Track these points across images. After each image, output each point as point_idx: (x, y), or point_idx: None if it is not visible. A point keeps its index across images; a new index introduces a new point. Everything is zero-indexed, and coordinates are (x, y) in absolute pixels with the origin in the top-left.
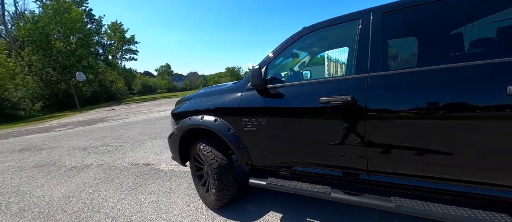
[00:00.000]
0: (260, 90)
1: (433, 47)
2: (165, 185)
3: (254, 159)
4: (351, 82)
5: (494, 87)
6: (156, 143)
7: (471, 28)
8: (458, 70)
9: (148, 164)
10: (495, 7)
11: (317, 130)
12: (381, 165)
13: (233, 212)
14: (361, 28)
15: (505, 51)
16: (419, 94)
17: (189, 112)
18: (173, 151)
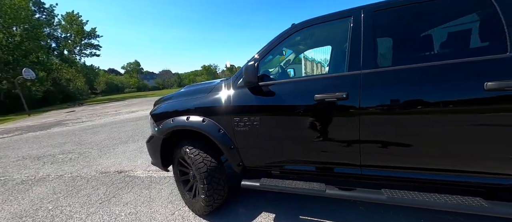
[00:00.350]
0: (252, 88)
1: (420, 46)
2: (144, 194)
3: (246, 159)
4: (345, 79)
5: (472, 84)
6: (129, 147)
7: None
8: (447, 67)
9: (121, 171)
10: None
11: (312, 127)
12: (373, 159)
13: (223, 216)
14: (353, 26)
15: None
16: (408, 91)
17: (172, 112)
18: (153, 155)
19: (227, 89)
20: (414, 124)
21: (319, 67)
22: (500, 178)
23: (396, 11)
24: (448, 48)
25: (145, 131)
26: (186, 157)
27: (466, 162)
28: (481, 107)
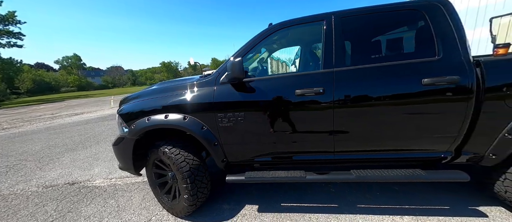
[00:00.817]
0: (236, 84)
1: (373, 49)
2: (109, 204)
3: (230, 155)
4: (321, 76)
5: (414, 80)
6: (79, 155)
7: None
8: (396, 67)
9: (74, 182)
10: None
11: (294, 119)
12: (344, 146)
13: (207, 215)
14: (326, 29)
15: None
16: (368, 86)
17: (148, 110)
18: (122, 159)
19: (209, 86)
20: (374, 113)
21: (284, 66)
22: (431, 152)
23: (358, 19)
24: (395, 51)
25: (98, 135)
26: (165, 157)
27: (410, 142)
28: (420, 99)
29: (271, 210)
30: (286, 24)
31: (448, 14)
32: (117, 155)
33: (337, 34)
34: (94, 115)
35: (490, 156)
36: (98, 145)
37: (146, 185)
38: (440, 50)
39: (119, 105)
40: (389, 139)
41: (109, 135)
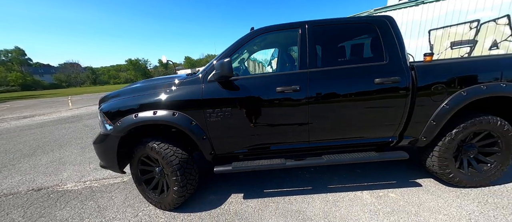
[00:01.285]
0: (223, 82)
1: (339, 53)
2: (88, 205)
3: (217, 148)
4: (298, 75)
5: (368, 80)
6: (40, 160)
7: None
8: (338, 71)
9: (40, 188)
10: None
11: (275, 114)
12: (317, 135)
13: (195, 206)
14: (300, 34)
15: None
16: (333, 85)
17: (133, 108)
18: (105, 157)
19: (197, 83)
20: (340, 107)
21: (260, 66)
22: (382, 137)
23: (326, 29)
24: (355, 56)
25: (59, 138)
26: (154, 153)
27: (366, 130)
28: (373, 96)
29: (255, 196)
30: (267, 29)
31: (392, 28)
32: (100, 153)
33: (310, 40)
34: (49, 117)
35: (422, 138)
36: (62, 148)
37: (126, 185)
38: (387, 56)
39: (99, 104)
40: (351, 128)
41: (73, 137)
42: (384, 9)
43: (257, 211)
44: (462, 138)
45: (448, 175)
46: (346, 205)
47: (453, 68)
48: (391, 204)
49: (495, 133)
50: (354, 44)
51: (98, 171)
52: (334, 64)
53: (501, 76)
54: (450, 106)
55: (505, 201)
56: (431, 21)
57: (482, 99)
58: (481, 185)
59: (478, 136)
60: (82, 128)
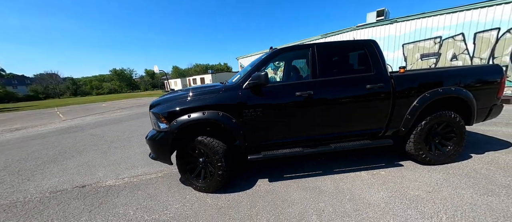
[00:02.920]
0: (254, 88)
1: (329, 67)
2: (138, 194)
3: (250, 140)
4: (310, 83)
5: (362, 86)
6: (68, 164)
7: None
8: (340, 80)
9: (83, 185)
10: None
11: (294, 113)
12: (326, 128)
13: (231, 189)
14: (311, 53)
15: (356, 71)
16: (335, 90)
17: (187, 109)
18: (159, 150)
19: (236, 90)
20: (342, 107)
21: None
22: (375, 128)
23: (328, 49)
24: (351, 68)
25: (72, 146)
26: (202, 145)
27: (363, 123)
28: (367, 98)
29: (278, 180)
30: (287, 49)
31: (376, 49)
32: (154, 148)
33: (319, 57)
34: (45, 128)
35: (402, 129)
36: (82, 155)
37: (164, 179)
38: (373, 69)
39: (151, 107)
40: (352, 122)
41: (87, 145)
42: (365, 26)
43: (282, 189)
44: (429, 127)
45: (421, 156)
46: (350, 181)
47: (419, 77)
48: (382, 178)
49: (451, 123)
50: (349, 60)
51: (131, 169)
52: (337, 74)
53: (459, 82)
54: (419, 104)
55: (460, 171)
56: (404, 37)
57: (443, 98)
58: (444, 162)
59: (440, 125)
60: (91, 137)
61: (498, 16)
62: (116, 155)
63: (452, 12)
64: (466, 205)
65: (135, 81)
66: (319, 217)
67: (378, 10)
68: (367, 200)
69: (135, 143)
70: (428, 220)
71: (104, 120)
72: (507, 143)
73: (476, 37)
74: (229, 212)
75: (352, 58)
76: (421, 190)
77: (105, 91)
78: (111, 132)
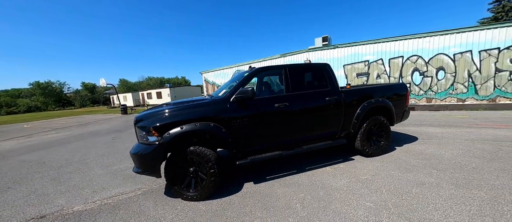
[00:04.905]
0: (243, 101)
1: (298, 84)
2: (121, 213)
3: (238, 147)
4: (286, 97)
5: (323, 98)
6: (7, 196)
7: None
8: (307, 94)
9: (42, 215)
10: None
11: (274, 122)
12: (298, 134)
13: (221, 194)
14: (284, 72)
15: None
16: (303, 102)
17: (179, 121)
18: (149, 164)
19: (224, 103)
20: (309, 115)
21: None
22: (333, 131)
23: (297, 69)
24: (313, 85)
25: (3, 175)
26: (194, 155)
27: (325, 128)
28: (327, 108)
29: (261, 181)
30: (264, 68)
31: (330, 69)
32: (142, 161)
33: (290, 75)
34: None
35: (351, 130)
36: (22, 184)
37: (146, 195)
38: (329, 85)
39: (137, 122)
40: (318, 126)
41: (28, 172)
42: (315, 49)
43: (267, 188)
44: (369, 128)
45: (365, 150)
46: (319, 174)
47: (359, 91)
48: (342, 169)
49: (381, 125)
50: (312, 78)
51: (100, 192)
52: (304, 89)
53: (383, 95)
54: (361, 111)
55: (390, 159)
56: (344, 59)
57: (375, 106)
58: (380, 154)
59: (375, 126)
60: (24, 164)
61: (402, 48)
62: (73, 180)
63: (374, 43)
64: (395, 180)
65: (67, 97)
66: (301, 204)
67: (323, 36)
68: (334, 186)
69: (93, 165)
70: (375, 193)
71: (34, 144)
72: (415, 138)
73: (390, 62)
74: (225, 213)
75: (314, 77)
76: (368, 174)
77: (21, 110)
78: (52, 156)
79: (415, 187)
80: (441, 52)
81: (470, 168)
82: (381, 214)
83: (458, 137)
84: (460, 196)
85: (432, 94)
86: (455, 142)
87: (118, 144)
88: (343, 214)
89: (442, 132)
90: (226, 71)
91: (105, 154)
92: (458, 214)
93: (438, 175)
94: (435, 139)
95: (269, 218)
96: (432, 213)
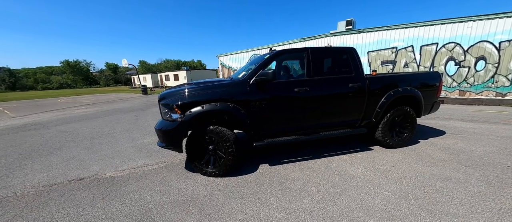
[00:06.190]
0: (262, 83)
1: (320, 68)
2: (147, 182)
3: (255, 129)
4: (306, 81)
5: (346, 84)
6: (51, 159)
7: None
8: (329, 79)
9: (81, 178)
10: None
11: (293, 106)
12: (318, 119)
13: (238, 173)
14: (306, 56)
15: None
16: (325, 87)
17: (200, 101)
18: (172, 139)
19: (244, 85)
20: (331, 101)
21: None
22: (354, 119)
23: (320, 53)
24: (337, 69)
25: (43, 144)
26: (213, 134)
27: (346, 115)
28: (349, 95)
29: (277, 164)
30: (286, 51)
31: (355, 54)
32: (166, 136)
33: (313, 59)
34: None
35: (373, 120)
36: (62, 151)
37: (169, 168)
38: (353, 70)
39: (161, 99)
40: (338, 114)
41: (61, 142)
42: (337, 33)
43: (282, 170)
44: (392, 119)
45: (386, 141)
46: (336, 162)
47: (385, 79)
48: (359, 159)
49: (407, 116)
50: (335, 63)
51: (128, 162)
52: (326, 74)
53: (411, 84)
54: (386, 100)
55: (412, 152)
56: (368, 45)
57: (402, 96)
58: (401, 146)
59: (400, 117)
60: (62, 134)
61: (437, 34)
62: (104, 150)
63: (405, 27)
64: (417, 173)
65: (93, 76)
66: (316, 188)
67: (347, 20)
68: (350, 174)
69: (120, 138)
70: (394, 183)
71: (68, 117)
72: (442, 132)
73: (421, 49)
74: (242, 190)
75: (337, 61)
76: (387, 165)
77: (55, 86)
78: (84, 128)
79: (439, 181)
80: (485, 39)
81: (505, 167)
82: (400, 204)
83: (492, 134)
84: (491, 193)
85: (466, 87)
86: (489, 138)
87: (141, 121)
88: (359, 201)
89: (474, 127)
90: (242, 55)
91: (129, 129)
92: (486, 210)
93: (466, 171)
94: (465, 134)
95: (284, 198)
96: (457, 208)
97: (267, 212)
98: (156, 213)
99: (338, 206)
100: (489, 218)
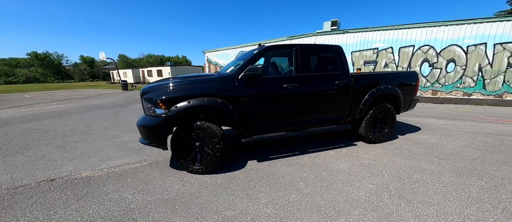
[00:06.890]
0: (251, 79)
1: (308, 65)
2: (128, 181)
3: (243, 125)
4: (294, 77)
5: (333, 81)
6: (16, 160)
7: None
8: (317, 76)
9: (52, 179)
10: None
11: (281, 102)
12: (303, 115)
13: (225, 169)
14: (294, 52)
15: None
16: (311, 84)
17: (187, 96)
18: (156, 135)
19: (232, 80)
20: (317, 98)
21: (218, 68)
22: (339, 115)
23: (308, 49)
24: (323, 67)
25: (8, 142)
26: (200, 130)
27: (331, 111)
28: (336, 92)
29: (264, 160)
30: (275, 47)
31: (341, 52)
32: (148, 133)
33: (300, 56)
34: None
35: (357, 116)
36: (29, 150)
37: (151, 167)
38: (339, 68)
39: (143, 94)
40: (325, 110)
41: (33, 139)
42: (323, 33)
43: (270, 166)
44: (375, 115)
45: (368, 137)
46: (322, 157)
47: (369, 77)
48: (344, 153)
49: (387, 112)
50: (322, 60)
51: (107, 161)
52: (314, 71)
53: (391, 83)
54: (369, 98)
55: (392, 146)
56: (352, 45)
57: (383, 94)
58: (383, 141)
59: (381, 114)
60: (29, 132)
61: (414, 37)
62: (79, 149)
63: (385, 29)
64: (397, 166)
65: (66, 70)
66: (304, 182)
67: (332, 20)
68: (336, 168)
69: (97, 136)
70: (376, 176)
71: (37, 113)
72: (418, 128)
73: (400, 51)
74: (230, 187)
75: (325, 59)
76: (370, 159)
77: (20, 80)
78: (56, 126)
79: (416, 173)
80: (455, 43)
81: (472, 159)
82: (382, 195)
83: (461, 129)
84: (461, 183)
85: (438, 87)
86: (458, 133)
87: (121, 118)
88: (345, 194)
89: (445, 123)
90: (229, 52)
91: (108, 126)
92: (457, 198)
93: (439, 163)
94: (438, 130)
95: (273, 193)
96: (432, 197)
97: (256, 208)
98: (138, 213)
99: (325, 199)
100: (460, 205)
